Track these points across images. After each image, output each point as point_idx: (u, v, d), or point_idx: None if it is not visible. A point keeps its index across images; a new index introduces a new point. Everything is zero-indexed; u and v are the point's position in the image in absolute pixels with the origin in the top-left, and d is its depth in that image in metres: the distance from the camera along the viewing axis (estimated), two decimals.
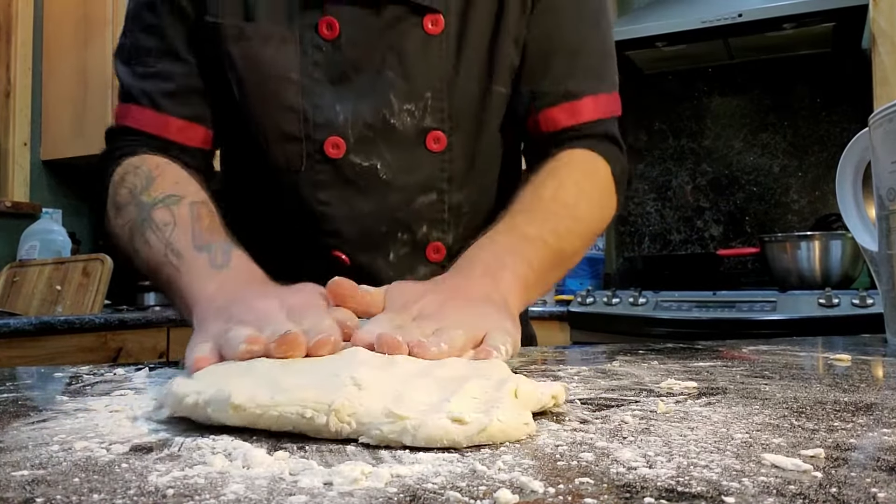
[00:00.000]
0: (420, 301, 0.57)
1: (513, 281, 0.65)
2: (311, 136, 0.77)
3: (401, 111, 0.78)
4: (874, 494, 0.26)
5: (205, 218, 0.69)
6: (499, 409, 0.36)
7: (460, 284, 0.62)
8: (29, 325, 1.80)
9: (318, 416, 0.36)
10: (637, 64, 2.70)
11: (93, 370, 0.63)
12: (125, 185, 0.74)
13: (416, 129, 0.79)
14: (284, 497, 0.26)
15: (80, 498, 0.26)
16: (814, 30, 2.32)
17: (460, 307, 0.56)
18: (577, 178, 0.79)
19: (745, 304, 1.94)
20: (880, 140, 0.81)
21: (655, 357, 0.68)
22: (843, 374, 0.57)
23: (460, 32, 0.79)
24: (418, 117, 0.78)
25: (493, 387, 0.40)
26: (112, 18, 2.64)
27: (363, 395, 0.37)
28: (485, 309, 0.58)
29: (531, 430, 0.36)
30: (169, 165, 0.76)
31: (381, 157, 0.78)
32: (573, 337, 2.18)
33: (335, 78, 0.77)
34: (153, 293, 2.63)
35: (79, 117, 2.68)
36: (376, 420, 0.35)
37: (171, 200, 0.70)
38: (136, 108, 0.80)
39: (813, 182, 2.63)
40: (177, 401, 0.40)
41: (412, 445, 0.34)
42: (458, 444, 0.34)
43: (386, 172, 0.79)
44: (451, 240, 0.82)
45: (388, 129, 0.78)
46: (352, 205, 0.79)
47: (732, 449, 0.32)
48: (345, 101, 0.77)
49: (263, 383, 0.40)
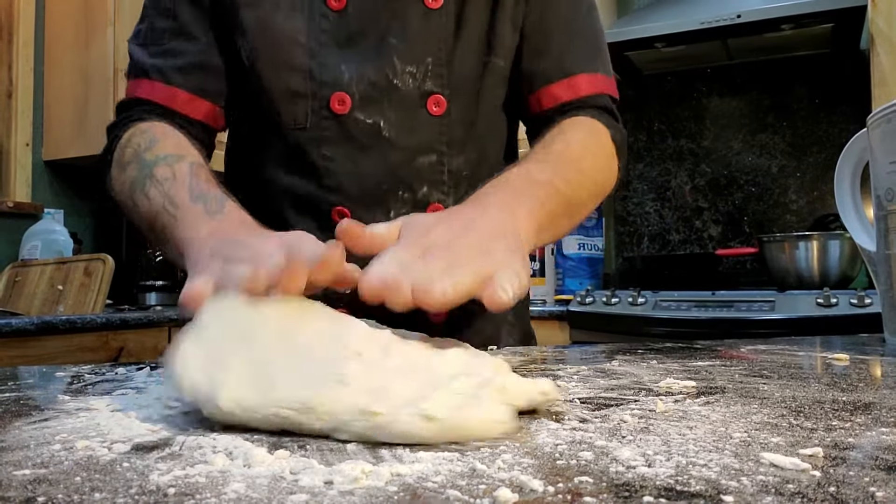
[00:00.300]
0: (431, 232, 0.55)
1: (527, 217, 0.65)
2: (317, 93, 0.81)
3: (403, 72, 0.82)
4: (872, 493, 0.26)
5: (202, 174, 0.71)
6: (474, 407, 0.36)
7: (475, 217, 0.60)
8: (30, 324, 1.80)
9: (296, 415, 0.37)
10: (636, 65, 2.70)
11: (94, 370, 0.63)
12: (131, 145, 0.78)
13: (417, 92, 0.82)
14: (285, 496, 0.26)
15: (81, 497, 0.26)
16: (812, 30, 2.32)
17: (471, 243, 0.55)
18: (581, 138, 0.83)
19: (744, 304, 1.95)
20: (878, 140, 0.81)
21: (654, 356, 0.68)
22: (842, 373, 0.57)
23: (459, 9, 0.84)
24: (419, 79, 0.82)
25: (480, 384, 0.40)
26: (113, 19, 2.64)
27: (345, 391, 0.38)
28: (496, 245, 0.56)
29: (507, 429, 0.36)
30: (174, 132, 0.80)
31: (384, 115, 0.81)
32: (573, 337, 2.18)
33: (342, 42, 0.81)
34: (154, 293, 2.63)
35: (80, 118, 2.68)
36: (352, 417, 0.36)
37: (173, 159, 0.73)
38: (146, 81, 0.84)
39: (811, 182, 2.63)
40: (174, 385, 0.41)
41: (389, 442, 0.35)
42: (429, 440, 0.34)
43: (388, 131, 0.82)
44: (451, 202, 0.84)
45: (392, 88, 0.81)
46: (355, 161, 0.82)
47: (731, 448, 0.32)
48: (350, 62, 0.81)
49: (254, 377, 0.40)
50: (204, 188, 0.69)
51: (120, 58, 2.57)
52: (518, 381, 0.42)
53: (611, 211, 2.95)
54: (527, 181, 0.71)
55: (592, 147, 0.83)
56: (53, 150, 2.74)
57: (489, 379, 0.41)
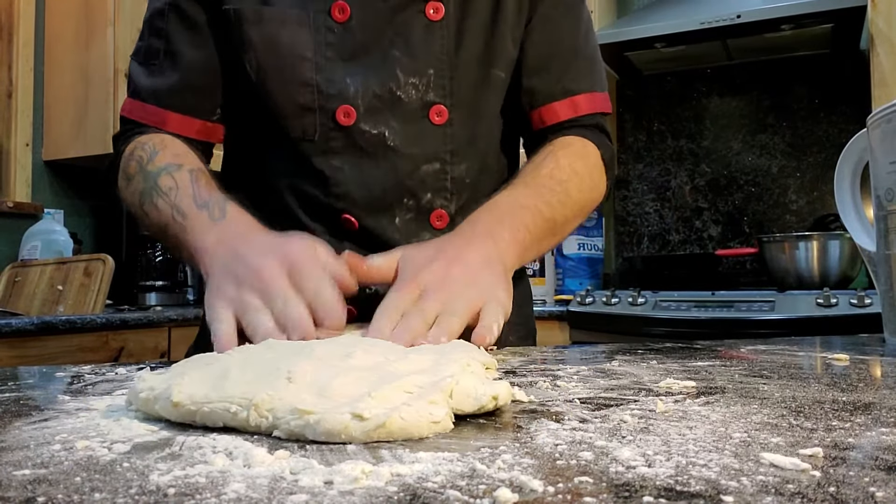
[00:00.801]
0: (425, 270, 0.66)
1: (510, 240, 0.74)
2: (325, 107, 0.83)
3: (406, 84, 0.84)
4: (872, 493, 0.26)
5: (202, 180, 0.77)
6: (407, 407, 0.36)
7: (462, 246, 0.70)
8: (30, 324, 1.80)
9: (241, 411, 0.38)
10: (636, 65, 2.70)
11: (94, 370, 0.63)
12: (133, 158, 0.83)
13: (420, 102, 0.85)
14: (285, 496, 0.26)
15: (81, 497, 0.26)
16: (812, 31, 2.32)
17: (460, 276, 0.66)
18: (570, 160, 0.87)
19: (744, 304, 1.95)
20: (878, 141, 0.81)
21: (654, 357, 0.68)
22: (842, 373, 0.57)
23: (460, 21, 0.86)
24: (422, 91, 0.85)
25: (431, 383, 0.41)
26: (114, 19, 2.64)
27: (289, 389, 0.39)
28: (482, 275, 0.67)
29: (441, 429, 0.37)
30: (172, 140, 0.85)
31: (389, 125, 0.84)
32: (573, 337, 2.18)
33: (346, 56, 0.84)
34: (154, 293, 2.63)
35: (80, 118, 2.68)
36: (287, 415, 0.36)
37: (172, 168, 0.79)
38: (139, 104, 0.89)
39: (811, 182, 2.63)
40: (133, 395, 0.42)
41: (319, 440, 0.35)
42: (357, 439, 0.35)
43: (393, 140, 0.85)
44: (454, 209, 0.88)
45: (395, 100, 0.84)
46: (362, 169, 0.85)
47: (731, 448, 0.32)
48: (355, 75, 0.83)
49: (214, 377, 0.42)
50: (206, 194, 0.75)
51: (120, 58, 2.57)
52: (473, 384, 0.41)
53: (611, 211, 2.95)
54: (513, 206, 0.79)
55: (580, 168, 0.88)
56: (53, 150, 2.74)
57: (440, 380, 0.41)
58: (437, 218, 0.87)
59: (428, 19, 0.84)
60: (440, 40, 0.85)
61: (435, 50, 0.85)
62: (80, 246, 2.71)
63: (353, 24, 0.83)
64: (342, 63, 0.83)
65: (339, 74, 0.83)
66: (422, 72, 0.84)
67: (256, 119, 0.87)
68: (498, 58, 0.88)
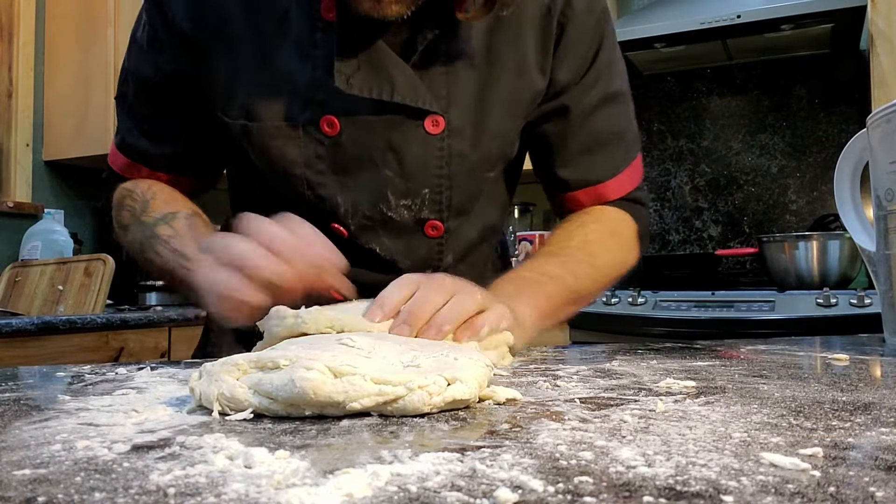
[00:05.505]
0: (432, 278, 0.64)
1: (529, 306, 0.72)
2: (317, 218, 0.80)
3: (398, 206, 0.82)
4: (872, 493, 0.26)
5: (199, 225, 0.78)
6: None
7: None
8: (31, 324, 1.80)
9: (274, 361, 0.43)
10: (636, 65, 2.70)
11: (94, 370, 0.63)
12: (125, 208, 0.84)
13: (413, 220, 0.83)
14: (285, 496, 0.26)
15: (81, 497, 0.26)
16: (812, 31, 2.32)
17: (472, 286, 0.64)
18: (602, 236, 0.87)
19: (744, 304, 1.95)
20: (878, 141, 0.81)
21: (654, 356, 0.68)
22: (842, 373, 0.57)
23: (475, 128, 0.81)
24: (416, 210, 0.83)
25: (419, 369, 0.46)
26: (114, 19, 2.64)
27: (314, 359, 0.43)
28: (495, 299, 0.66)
29: None
30: (161, 187, 0.86)
31: (381, 242, 0.84)
32: (573, 337, 2.18)
33: (338, 169, 0.81)
34: (154, 293, 2.63)
35: (81, 118, 2.68)
36: None
37: (169, 217, 0.78)
38: (130, 163, 0.90)
39: (811, 182, 2.63)
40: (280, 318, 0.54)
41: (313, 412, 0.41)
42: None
43: (386, 254, 0.84)
44: None
45: (386, 220, 0.83)
46: None
47: (731, 448, 0.32)
48: (346, 191, 0.81)
49: None
50: (205, 239, 0.73)
51: (120, 58, 2.57)
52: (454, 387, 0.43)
53: None
54: (538, 274, 0.79)
55: (610, 243, 0.87)
56: (53, 151, 2.75)
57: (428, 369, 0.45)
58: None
59: (427, 133, 0.79)
60: (438, 152, 0.80)
61: (432, 166, 0.80)
62: (81, 246, 2.71)
63: (343, 138, 0.79)
64: (333, 176, 0.80)
65: (329, 190, 0.81)
66: (415, 192, 0.81)
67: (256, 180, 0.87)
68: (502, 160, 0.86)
